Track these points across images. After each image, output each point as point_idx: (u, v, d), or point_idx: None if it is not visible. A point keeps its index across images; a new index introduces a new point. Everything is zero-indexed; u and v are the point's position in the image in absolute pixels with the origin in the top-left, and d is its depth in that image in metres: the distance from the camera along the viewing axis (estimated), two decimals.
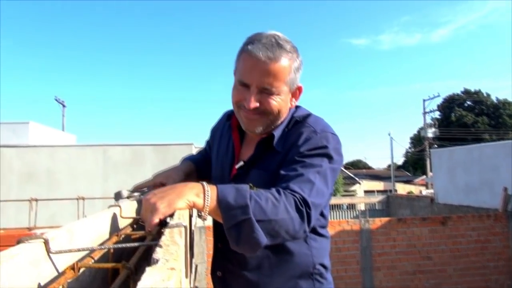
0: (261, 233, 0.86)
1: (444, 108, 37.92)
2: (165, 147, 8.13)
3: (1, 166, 7.48)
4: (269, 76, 1.10)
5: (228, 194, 0.87)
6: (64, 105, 24.74)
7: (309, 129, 1.14)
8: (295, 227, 0.93)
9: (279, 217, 0.89)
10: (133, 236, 0.96)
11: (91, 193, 6.35)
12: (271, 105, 1.14)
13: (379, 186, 31.16)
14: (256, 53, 1.09)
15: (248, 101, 1.12)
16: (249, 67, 1.12)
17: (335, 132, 1.17)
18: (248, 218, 0.84)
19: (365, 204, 18.25)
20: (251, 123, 1.17)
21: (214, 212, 0.87)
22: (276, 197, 0.91)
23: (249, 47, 1.12)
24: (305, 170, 1.03)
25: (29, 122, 10.00)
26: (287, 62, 1.13)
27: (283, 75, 1.13)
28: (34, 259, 0.55)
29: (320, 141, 1.10)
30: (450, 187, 10.36)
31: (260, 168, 1.19)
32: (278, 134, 1.19)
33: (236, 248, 0.89)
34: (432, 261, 6.87)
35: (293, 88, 1.20)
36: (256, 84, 1.12)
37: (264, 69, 1.10)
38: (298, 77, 1.20)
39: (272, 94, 1.13)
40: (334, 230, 6.68)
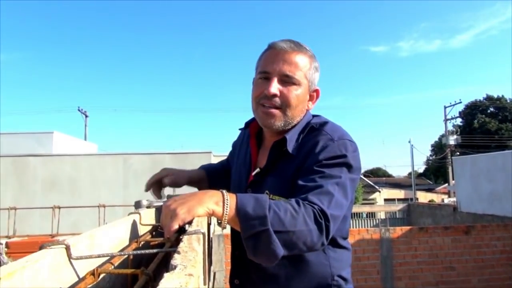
0: (278, 245, 0.85)
1: (466, 115, 37.09)
2: (184, 156, 8.20)
3: (26, 174, 7.68)
4: (290, 64, 1.13)
5: (247, 203, 0.86)
6: (87, 115, 25.30)
7: (326, 136, 1.11)
8: (313, 239, 0.91)
9: (297, 229, 0.87)
10: (152, 242, 0.97)
11: (111, 201, 6.44)
12: (291, 96, 1.14)
13: (399, 194, 30.62)
14: (280, 44, 1.15)
15: (268, 87, 1.13)
16: (272, 57, 1.15)
17: (353, 140, 1.15)
18: (266, 229, 0.84)
19: (385, 213, 17.95)
20: (268, 118, 1.16)
21: (233, 221, 0.87)
22: (295, 208, 0.90)
23: (272, 43, 1.17)
24: (324, 181, 1.00)
25: (53, 132, 10.27)
26: (308, 57, 1.17)
27: (304, 67, 1.16)
28: (56, 264, 0.57)
29: (338, 149, 1.08)
30: (474, 196, 10.10)
31: (276, 175, 1.18)
32: (291, 137, 1.17)
33: (253, 258, 0.89)
34: (456, 271, 6.69)
35: (312, 87, 1.21)
36: (278, 71, 1.13)
37: (287, 57, 1.14)
38: (317, 78, 1.22)
39: (293, 83, 1.14)
40: (353, 239, 6.58)
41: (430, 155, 42.18)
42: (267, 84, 1.14)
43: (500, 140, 32.42)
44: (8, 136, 10.18)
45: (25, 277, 0.49)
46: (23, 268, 0.49)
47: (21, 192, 7.56)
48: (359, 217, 18.88)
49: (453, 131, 28.26)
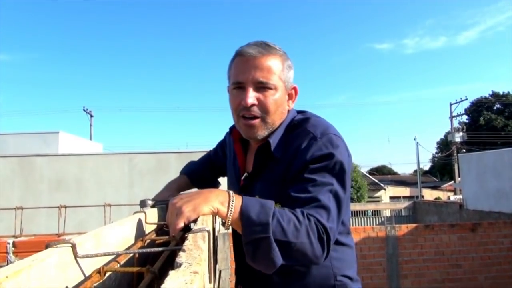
0: (277, 254, 0.85)
1: (472, 112, 36.85)
2: (189, 154, 8.21)
3: (33, 174, 7.73)
4: (263, 70, 1.10)
5: (252, 208, 0.86)
6: (92, 115, 25.41)
7: (309, 135, 1.08)
8: (315, 253, 0.91)
9: (298, 241, 0.87)
10: (158, 241, 0.97)
11: (117, 200, 6.48)
12: (269, 102, 1.11)
13: (405, 192, 30.51)
14: (248, 50, 1.11)
15: (245, 98, 1.09)
16: (242, 66, 1.12)
17: (336, 132, 1.11)
18: (267, 236, 0.83)
19: (391, 211, 17.88)
20: (250, 129, 1.14)
21: (235, 224, 0.86)
22: (299, 220, 0.89)
23: (239, 49, 1.14)
24: (317, 191, 0.97)
25: (59, 132, 10.32)
26: (279, 58, 1.13)
27: (277, 69, 1.12)
28: (62, 263, 0.57)
29: (324, 147, 1.04)
30: (480, 193, 10.03)
31: (264, 179, 1.17)
32: (275, 140, 1.14)
33: (251, 264, 0.88)
34: (462, 269, 6.66)
35: (289, 86, 1.18)
36: (252, 80, 1.10)
37: (258, 63, 1.10)
38: (291, 76, 1.18)
39: (269, 89, 1.11)
40: (359, 236, 6.57)
41: (436, 153, 41.97)
42: (243, 94, 1.11)
43: (506, 137, 32.17)
44: (14, 136, 10.25)
45: (31, 275, 0.49)
46: (30, 266, 0.49)
47: (27, 191, 7.61)
48: (365, 215, 18.82)
49: (459, 128, 28.06)
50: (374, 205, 20.11)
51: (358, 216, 18.43)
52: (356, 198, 23.38)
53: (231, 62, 1.18)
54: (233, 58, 1.17)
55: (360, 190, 24.12)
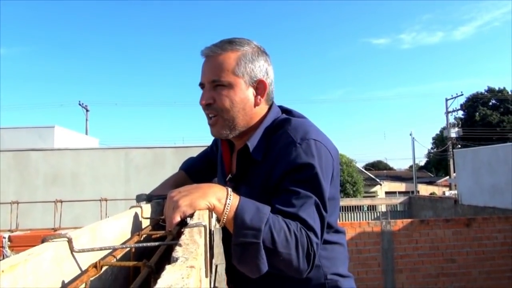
0: (263, 261, 0.84)
1: (467, 107, 36.98)
2: (185, 149, 8.20)
3: (28, 169, 7.70)
4: (215, 67, 1.09)
5: (247, 211, 0.85)
6: (88, 109, 25.29)
7: (288, 139, 1.04)
8: (299, 267, 0.90)
9: (286, 251, 0.86)
10: (154, 236, 0.97)
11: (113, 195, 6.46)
12: (222, 99, 1.09)
13: (400, 187, 30.67)
14: (205, 51, 1.12)
15: (200, 99, 1.11)
16: (202, 66, 1.13)
17: (317, 136, 1.06)
18: (257, 243, 0.83)
19: (386, 206, 17.98)
20: (213, 129, 1.14)
21: (228, 222, 0.86)
22: (290, 231, 0.88)
23: (201, 51, 1.14)
24: (301, 205, 0.95)
25: (55, 126, 10.28)
26: (236, 53, 1.11)
27: (231, 65, 1.09)
28: (58, 257, 0.57)
29: (303, 155, 1.00)
30: (475, 188, 10.11)
31: (247, 183, 1.14)
32: (253, 143, 1.11)
33: (236, 265, 0.88)
34: (456, 263, 6.71)
35: (253, 81, 1.13)
36: (206, 80, 1.10)
37: (211, 62, 1.10)
38: (256, 68, 1.13)
39: (224, 87, 1.09)
40: (354, 231, 6.60)
41: (432, 148, 42.15)
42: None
43: (501, 132, 32.37)
44: (9, 130, 10.20)
45: (27, 270, 0.49)
46: (26, 261, 0.49)
47: (23, 186, 7.59)
48: (360, 210, 18.91)
49: (455, 123, 28.18)
50: (369, 200, 20.21)
51: (354, 211, 18.52)
52: (352, 193, 23.46)
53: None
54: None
55: (356, 185, 24.20)
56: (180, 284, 0.38)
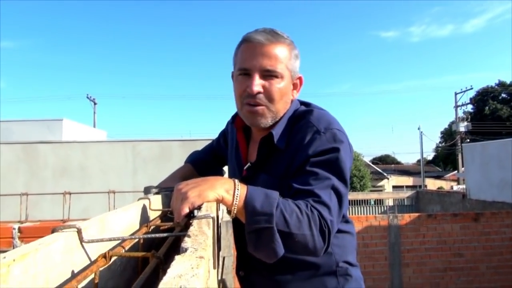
0: (279, 244, 0.85)
1: (477, 101, 36.55)
2: (192, 142, 8.22)
3: (37, 161, 7.78)
4: (270, 58, 1.08)
5: (257, 198, 0.86)
6: (95, 102, 25.43)
7: (313, 128, 1.07)
8: (316, 246, 0.91)
9: (300, 232, 0.87)
10: (162, 227, 0.98)
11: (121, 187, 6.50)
12: (274, 90, 1.09)
13: (408, 181, 30.54)
14: (256, 37, 1.09)
15: (251, 86, 1.08)
16: (250, 52, 1.10)
17: (340, 127, 1.10)
18: (271, 227, 0.83)
19: (393, 200, 17.91)
20: (254, 117, 1.13)
21: (239, 212, 0.87)
22: (302, 211, 0.89)
23: (247, 35, 1.12)
24: (319, 185, 0.97)
25: (63, 119, 10.35)
26: (287, 46, 1.12)
27: (284, 58, 1.11)
28: (68, 247, 0.57)
29: (327, 142, 1.04)
30: (483, 183, 10.02)
31: (267, 172, 1.16)
32: (278, 131, 1.13)
33: (253, 253, 0.89)
34: (464, 258, 6.68)
35: (294, 76, 1.17)
36: (259, 67, 1.08)
37: (265, 50, 1.08)
38: (298, 66, 1.17)
39: (275, 77, 1.09)
40: (361, 225, 6.59)
41: (440, 142, 41.83)
42: (249, 81, 1.09)
43: (511, 126, 31.98)
44: (18, 123, 10.29)
45: (38, 259, 0.49)
46: (36, 250, 0.49)
47: (32, 178, 7.66)
48: (367, 204, 18.87)
49: (464, 117, 27.93)
50: (377, 194, 20.14)
51: (361, 205, 18.48)
52: (359, 187, 23.41)
53: (238, 48, 1.16)
54: (240, 44, 1.15)
55: (363, 179, 24.13)
56: (190, 274, 0.38)
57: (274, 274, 1.18)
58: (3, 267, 0.43)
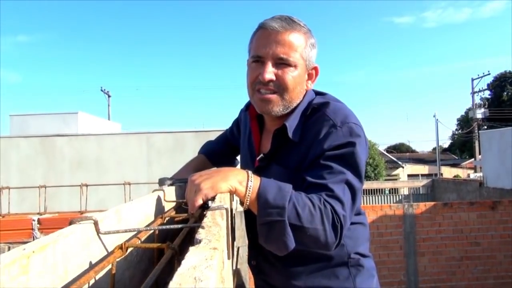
0: (291, 237, 0.85)
1: (495, 87, 35.77)
2: (206, 133, 8.24)
3: (54, 154, 7.92)
4: (284, 45, 1.06)
5: (270, 190, 0.86)
6: (110, 95, 25.69)
7: (329, 122, 1.05)
8: (328, 240, 0.90)
9: (312, 226, 0.87)
10: (177, 218, 0.99)
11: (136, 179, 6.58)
12: (288, 78, 1.08)
13: (423, 170, 30.20)
14: (271, 24, 1.07)
15: (263, 73, 1.07)
16: (264, 39, 1.08)
17: (357, 121, 1.08)
18: (282, 220, 0.83)
19: (408, 189, 17.76)
20: (266, 104, 1.11)
21: (252, 204, 0.87)
22: (315, 205, 0.88)
23: (263, 22, 1.10)
24: (333, 179, 0.96)
25: (78, 112, 10.49)
26: (303, 35, 1.10)
27: (299, 46, 1.09)
28: (85, 238, 0.59)
29: (343, 137, 1.02)
30: (501, 170, 9.84)
31: (281, 164, 1.15)
32: (292, 124, 1.12)
33: (264, 245, 0.89)
34: (481, 247, 6.61)
35: (310, 66, 1.15)
36: (272, 55, 1.07)
37: (280, 38, 1.07)
38: (314, 56, 1.15)
39: (289, 65, 1.08)
40: (376, 215, 6.56)
41: (456, 130, 41.15)
42: (261, 68, 1.08)
43: None
44: (35, 117, 10.47)
45: (56, 250, 0.50)
46: (55, 242, 0.51)
47: (50, 171, 7.82)
48: (382, 193, 18.75)
49: (481, 104, 27.36)
50: (391, 183, 20.00)
51: (375, 194, 18.37)
52: (373, 176, 23.25)
53: (253, 35, 1.14)
54: (256, 31, 1.14)
55: (378, 168, 23.96)
56: (204, 265, 0.38)
57: (286, 264, 1.18)
58: (24, 258, 0.44)
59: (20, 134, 8.53)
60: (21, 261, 0.43)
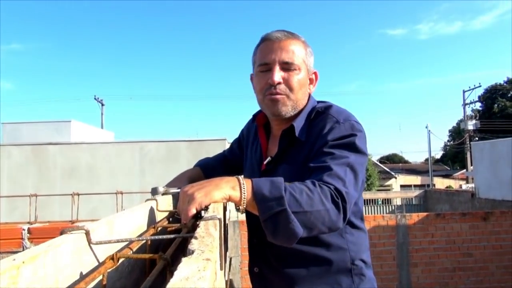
0: (297, 224, 0.86)
1: (485, 99, 36.18)
2: (199, 143, 8.25)
3: (46, 162, 7.85)
4: (288, 51, 1.17)
5: (263, 186, 0.87)
6: (103, 103, 25.58)
7: (333, 119, 1.14)
8: (332, 218, 0.91)
9: (314, 209, 0.88)
10: (169, 228, 0.98)
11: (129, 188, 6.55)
12: (294, 80, 1.18)
13: (416, 180, 30.33)
14: (274, 35, 1.20)
15: (272, 76, 1.16)
16: (269, 48, 1.19)
17: (358, 121, 1.17)
18: (284, 209, 0.84)
19: (401, 199, 17.80)
20: (275, 104, 1.19)
21: (250, 205, 0.88)
22: (310, 189, 0.90)
23: (265, 35, 1.22)
24: (335, 162, 1.01)
25: (71, 121, 10.44)
26: (302, 43, 1.22)
27: (301, 52, 1.20)
28: (76, 248, 0.58)
29: (345, 130, 1.10)
30: (493, 181, 9.91)
31: (288, 162, 1.21)
32: (299, 124, 1.20)
33: (272, 240, 0.89)
34: (473, 258, 6.62)
35: (311, 71, 1.26)
36: (278, 60, 1.17)
37: (283, 45, 1.18)
38: (312, 62, 1.26)
39: (294, 69, 1.18)
40: (369, 225, 6.55)
41: (448, 141, 41.50)
42: (269, 74, 1.17)
43: None
44: (28, 125, 10.40)
45: (47, 261, 0.50)
46: (46, 252, 0.50)
47: (41, 179, 7.74)
48: (375, 204, 18.76)
49: (472, 115, 27.66)
50: (384, 194, 20.03)
51: (369, 205, 18.38)
52: (366, 186, 23.29)
53: (256, 48, 1.25)
54: (259, 44, 1.24)
55: (371, 179, 24.02)
56: (197, 276, 0.38)
57: (289, 270, 1.18)
58: (13, 269, 0.43)
59: (12, 142, 8.46)
60: (10, 272, 0.43)
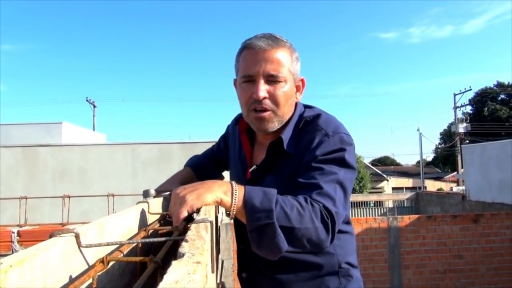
0: (282, 239, 0.85)
1: (476, 102, 36.58)
2: (191, 145, 8.21)
3: (36, 164, 7.76)
4: (272, 62, 1.10)
5: (255, 196, 0.86)
6: (95, 105, 25.42)
7: (321, 132, 1.10)
8: (320, 237, 0.91)
9: (303, 226, 0.87)
10: (161, 231, 0.97)
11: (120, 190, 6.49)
12: (279, 94, 1.11)
13: (407, 183, 30.51)
14: (257, 43, 1.10)
15: (257, 91, 1.09)
16: (252, 58, 1.11)
17: (347, 132, 1.13)
18: (272, 222, 0.84)
19: (393, 201, 17.89)
20: (262, 122, 1.14)
21: (240, 212, 0.87)
22: (302, 206, 0.89)
23: (248, 42, 1.13)
24: (324, 179, 0.99)
25: (62, 122, 10.35)
26: (287, 50, 1.14)
27: (286, 61, 1.12)
28: (66, 252, 0.57)
29: (334, 144, 1.07)
30: (483, 184, 10.01)
31: (274, 174, 1.17)
32: (287, 136, 1.15)
33: (257, 251, 0.89)
34: (464, 259, 6.68)
35: (297, 78, 1.19)
36: (262, 73, 1.10)
37: (267, 55, 1.10)
38: (299, 69, 1.19)
39: (279, 81, 1.11)
40: (361, 227, 6.58)
41: (439, 144, 41.85)
42: (254, 87, 1.11)
43: (510, 127, 31.98)
44: (18, 126, 10.29)
45: (35, 264, 0.49)
46: (34, 256, 0.49)
47: (31, 181, 7.65)
48: (367, 206, 18.84)
49: (463, 119, 27.95)
50: (376, 196, 20.13)
51: (360, 207, 18.45)
52: (358, 189, 23.38)
53: (239, 55, 1.17)
54: (241, 51, 1.16)
55: (363, 181, 24.11)
56: (187, 280, 0.38)
57: (277, 274, 1.18)
58: (0, 273, 0.43)
59: (2, 143, 8.36)
60: None
